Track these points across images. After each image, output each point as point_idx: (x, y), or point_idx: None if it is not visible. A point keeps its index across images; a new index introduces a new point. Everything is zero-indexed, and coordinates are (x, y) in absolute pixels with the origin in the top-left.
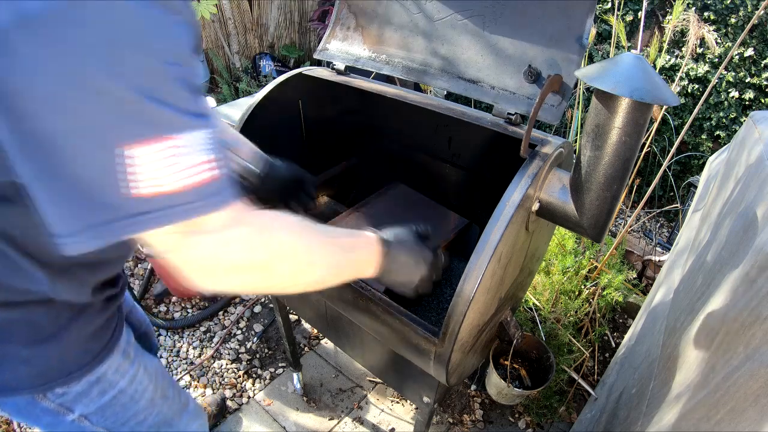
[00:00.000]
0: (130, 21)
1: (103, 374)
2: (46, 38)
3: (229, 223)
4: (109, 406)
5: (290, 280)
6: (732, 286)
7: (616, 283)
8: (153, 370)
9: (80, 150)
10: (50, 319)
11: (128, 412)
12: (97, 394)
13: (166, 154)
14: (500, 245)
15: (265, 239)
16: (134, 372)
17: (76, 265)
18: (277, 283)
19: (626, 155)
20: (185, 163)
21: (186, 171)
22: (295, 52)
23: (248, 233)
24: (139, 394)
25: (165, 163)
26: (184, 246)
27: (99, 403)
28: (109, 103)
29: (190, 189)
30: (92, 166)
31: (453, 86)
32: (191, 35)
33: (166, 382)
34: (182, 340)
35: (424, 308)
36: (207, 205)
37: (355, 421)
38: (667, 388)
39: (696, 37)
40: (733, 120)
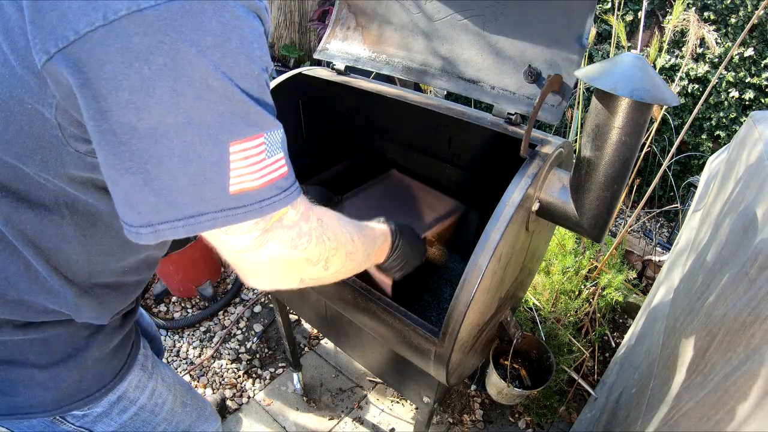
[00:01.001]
0: (239, 27)
1: (124, 392)
2: (162, 33)
3: (300, 217)
4: (130, 424)
5: (340, 270)
6: (732, 286)
7: (616, 283)
8: (171, 380)
9: (190, 144)
10: (67, 339)
11: (148, 426)
12: (118, 413)
13: (257, 151)
14: (500, 245)
15: (327, 231)
16: (153, 385)
17: (100, 286)
18: (331, 273)
19: (626, 155)
20: (268, 159)
21: (268, 167)
22: (295, 52)
23: (316, 226)
24: (159, 407)
25: (254, 159)
26: (262, 243)
27: (120, 421)
28: (221, 100)
29: (270, 184)
30: (198, 160)
31: (453, 86)
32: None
33: (183, 390)
34: (182, 340)
35: (424, 308)
36: (284, 199)
37: (355, 421)
38: (667, 388)
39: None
40: (733, 120)
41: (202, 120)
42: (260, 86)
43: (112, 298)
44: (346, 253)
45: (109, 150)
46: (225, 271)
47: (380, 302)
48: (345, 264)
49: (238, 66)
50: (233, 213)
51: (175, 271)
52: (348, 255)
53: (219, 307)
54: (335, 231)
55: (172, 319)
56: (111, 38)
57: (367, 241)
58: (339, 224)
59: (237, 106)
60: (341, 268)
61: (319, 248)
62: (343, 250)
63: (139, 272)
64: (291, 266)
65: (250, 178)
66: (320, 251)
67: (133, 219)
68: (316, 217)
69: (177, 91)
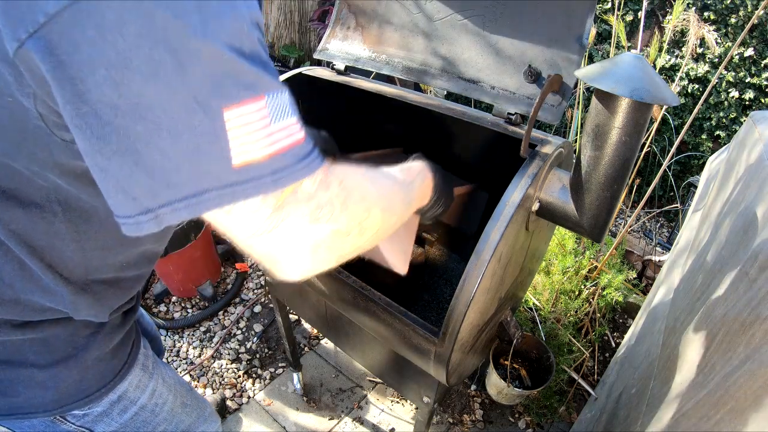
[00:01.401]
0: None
1: (124, 392)
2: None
3: (318, 186)
4: (130, 424)
5: (381, 230)
6: (732, 286)
7: (616, 283)
8: (171, 381)
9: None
10: (67, 339)
11: (148, 426)
12: (118, 413)
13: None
14: (500, 245)
15: (353, 194)
16: (154, 385)
17: (98, 282)
18: (370, 238)
19: (626, 155)
20: (275, 125)
21: (276, 134)
22: (295, 52)
23: (338, 192)
24: (159, 407)
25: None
26: (276, 222)
27: (120, 421)
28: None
29: (282, 153)
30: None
31: (453, 86)
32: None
33: (184, 390)
34: (182, 340)
35: (424, 308)
36: (303, 169)
37: (355, 421)
38: (667, 387)
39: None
40: (733, 120)
41: (188, 87)
42: (252, 43)
43: (110, 294)
44: (381, 211)
45: (93, 134)
46: (225, 271)
47: (380, 302)
48: (383, 223)
49: (223, 24)
50: (241, 188)
51: (175, 271)
52: (384, 212)
53: (219, 307)
54: (362, 191)
55: (172, 319)
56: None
57: (404, 188)
58: (365, 180)
59: (225, 67)
60: (380, 228)
61: (346, 215)
62: (376, 210)
63: (139, 266)
64: (319, 244)
65: (255, 147)
66: (348, 218)
67: (130, 208)
68: (336, 180)
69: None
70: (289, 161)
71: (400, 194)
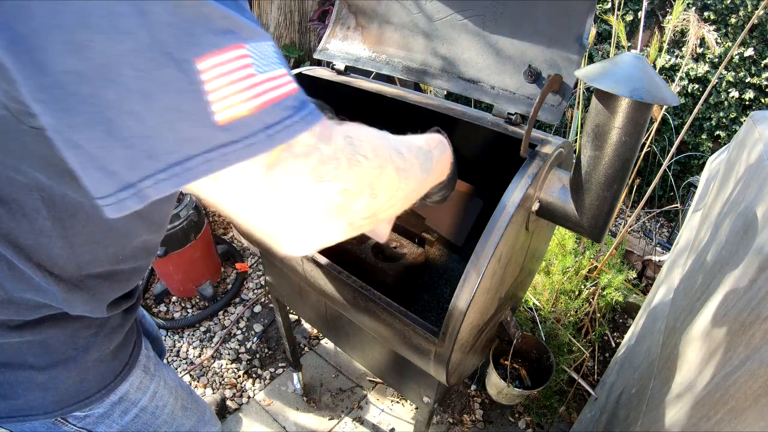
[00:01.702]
0: None
1: (125, 393)
2: None
3: (318, 139)
4: (132, 425)
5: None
6: (732, 286)
7: (616, 283)
8: (172, 383)
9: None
10: (66, 341)
11: (149, 428)
12: (119, 414)
13: (239, 65)
14: (500, 245)
15: (361, 148)
16: (155, 387)
17: (92, 276)
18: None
19: (626, 155)
20: (261, 75)
21: (263, 84)
22: (295, 52)
23: (343, 146)
24: (160, 410)
25: (238, 75)
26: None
27: (121, 423)
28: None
29: (273, 105)
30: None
31: (453, 86)
32: None
33: (184, 393)
34: (182, 340)
35: (424, 308)
36: (300, 122)
37: (355, 421)
38: (667, 387)
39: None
40: (733, 120)
41: (153, 39)
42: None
43: (106, 287)
44: (396, 170)
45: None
46: (225, 271)
47: (380, 302)
48: (399, 185)
49: None
50: (231, 149)
51: (175, 271)
52: (400, 172)
53: (219, 307)
54: (373, 145)
55: (172, 319)
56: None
57: (421, 153)
58: (376, 137)
59: (194, 11)
60: (396, 192)
61: (354, 172)
62: (390, 168)
63: (136, 258)
64: (324, 206)
65: (239, 99)
66: (357, 175)
67: (109, 185)
68: (341, 133)
69: (114, 12)
70: (283, 114)
71: (420, 158)
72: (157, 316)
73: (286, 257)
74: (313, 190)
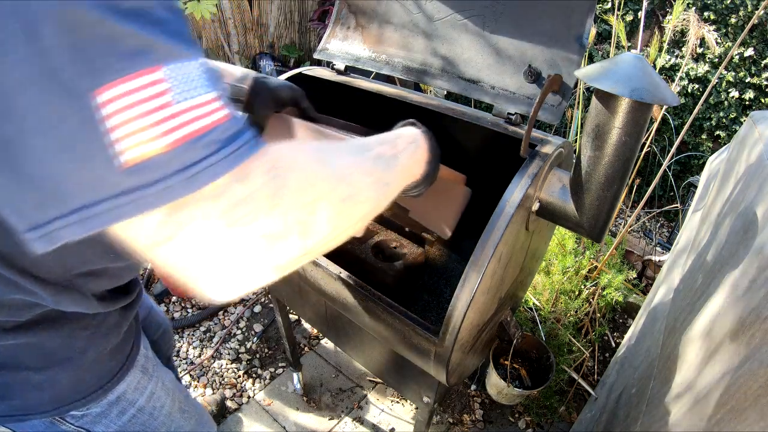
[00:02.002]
0: None
1: (123, 393)
2: None
3: (233, 177)
4: (129, 426)
5: (340, 226)
6: (732, 286)
7: (616, 283)
8: (170, 384)
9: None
10: (63, 342)
11: (147, 429)
12: (117, 415)
13: (152, 93)
14: (500, 245)
15: (290, 181)
16: (153, 388)
17: (83, 275)
18: (321, 240)
19: (626, 155)
20: (181, 103)
21: (183, 115)
22: (295, 52)
23: (266, 181)
24: (157, 411)
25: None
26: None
27: (119, 423)
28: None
29: (190, 141)
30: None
31: (453, 86)
32: None
33: (182, 396)
34: (182, 340)
35: (424, 308)
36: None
37: (355, 421)
38: (667, 387)
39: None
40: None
41: (46, 67)
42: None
43: (96, 284)
44: (339, 200)
45: None
46: None
47: (380, 302)
48: (341, 215)
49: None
50: (142, 195)
51: None
52: (344, 201)
53: (219, 307)
54: (307, 175)
55: (172, 319)
56: None
57: (381, 164)
58: (314, 162)
59: (92, 31)
60: (339, 222)
61: (278, 211)
62: (328, 200)
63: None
64: (243, 253)
65: (151, 135)
66: (282, 215)
67: (21, 223)
68: (265, 168)
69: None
70: (205, 150)
71: (374, 174)
72: None
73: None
74: (226, 236)
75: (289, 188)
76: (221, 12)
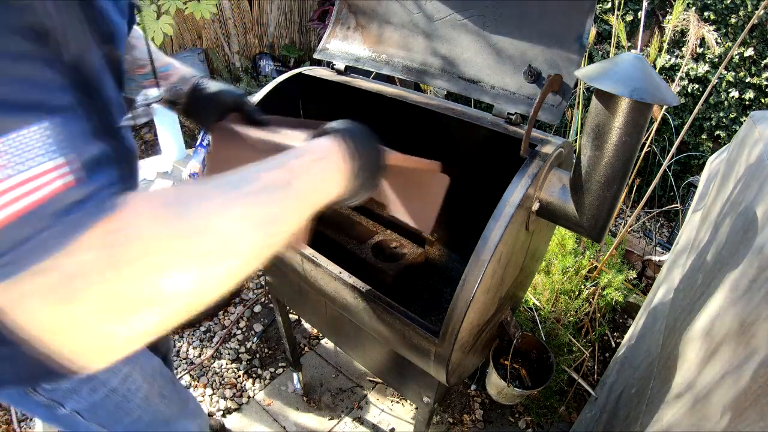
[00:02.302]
0: None
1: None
2: None
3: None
4: (101, 405)
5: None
6: (732, 286)
7: (616, 283)
8: (150, 369)
9: None
10: None
11: (121, 410)
12: (88, 392)
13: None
14: (500, 245)
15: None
16: (128, 371)
17: None
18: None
19: (626, 155)
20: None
21: (14, 191)
22: (295, 52)
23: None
24: (132, 393)
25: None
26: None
27: (90, 400)
28: None
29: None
30: None
31: (453, 86)
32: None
33: (164, 381)
34: (182, 339)
35: (424, 308)
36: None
37: (355, 421)
38: (667, 387)
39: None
40: (733, 120)
41: None
42: None
43: None
44: (196, 259)
45: None
46: None
47: (380, 302)
48: (205, 274)
49: None
50: None
51: None
52: (205, 257)
53: (219, 307)
54: (152, 237)
55: None
56: None
57: (265, 197)
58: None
59: None
60: (203, 283)
61: (118, 284)
62: (182, 261)
63: None
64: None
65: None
66: (125, 286)
67: None
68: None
69: None
70: (36, 226)
71: (251, 215)
72: None
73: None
74: (61, 312)
75: (128, 257)
76: (221, 12)
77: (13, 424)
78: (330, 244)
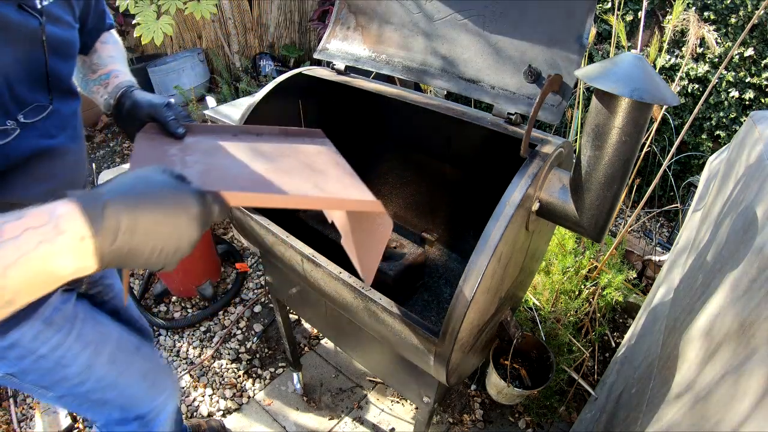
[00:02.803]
0: None
1: (17, 341)
2: None
3: None
4: (32, 370)
5: None
6: (732, 286)
7: (616, 283)
8: (92, 337)
9: None
10: None
11: (56, 375)
12: (15, 358)
13: None
14: (500, 245)
15: None
16: (59, 339)
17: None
18: None
19: (626, 155)
20: None
21: None
22: (295, 52)
23: None
24: (68, 360)
25: None
26: None
27: (19, 366)
28: None
29: None
30: None
31: (453, 86)
32: None
33: (113, 347)
34: (182, 340)
35: (424, 308)
36: None
37: (355, 421)
38: (667, 387)
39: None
40: (733, 120)
41: None
42: None
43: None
44: None
45: None
46: (225, 271)
47: (380, 302)
48: None
49: None
50: None
51: (175, 271)
52: None
53: (219, 307)
54: None
55: (172, 319)
56: None
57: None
58: None
59: None
60: None
61: None
62: None
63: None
64: None
65: None
66: None
67: None
68: None
69: None
70: None
71: None
72: (157, 316)
73: None
74: None
75: None
76: (221, 12)
77: (13, 424)
78: (330, 244)
